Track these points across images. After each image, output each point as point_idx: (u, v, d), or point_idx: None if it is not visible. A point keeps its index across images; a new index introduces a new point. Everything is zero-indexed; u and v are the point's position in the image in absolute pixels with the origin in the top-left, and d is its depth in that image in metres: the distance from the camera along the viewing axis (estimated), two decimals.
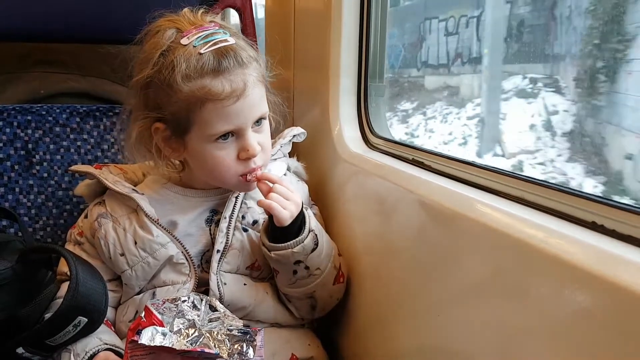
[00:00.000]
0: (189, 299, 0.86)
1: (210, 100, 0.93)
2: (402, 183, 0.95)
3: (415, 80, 4.85)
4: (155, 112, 0.98)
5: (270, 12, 1.56)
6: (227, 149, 0.98)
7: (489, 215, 0.73)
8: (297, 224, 1.00)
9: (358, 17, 1.19)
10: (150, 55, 0.96)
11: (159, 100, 0.97)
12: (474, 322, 0.73)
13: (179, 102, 0.95)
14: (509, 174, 0.79)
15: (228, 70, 0.94)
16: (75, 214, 1.31)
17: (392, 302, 0.97)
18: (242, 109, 0.95)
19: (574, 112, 2.87)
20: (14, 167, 1.31)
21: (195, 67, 0.93)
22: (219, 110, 0.94)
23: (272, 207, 0.97)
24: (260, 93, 0.99)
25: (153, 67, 0.95)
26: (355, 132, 1.20)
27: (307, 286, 1.03)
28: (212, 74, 0.93)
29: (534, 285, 0.63)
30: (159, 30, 0.97)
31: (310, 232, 1.01)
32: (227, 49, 0.94)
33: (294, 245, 0.99)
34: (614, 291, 0.52)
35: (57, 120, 1.35)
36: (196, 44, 0.94)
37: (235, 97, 0.94)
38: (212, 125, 0.95)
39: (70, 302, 0.91)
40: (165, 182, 1.08)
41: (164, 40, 0.96)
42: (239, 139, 0.98)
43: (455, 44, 4.32)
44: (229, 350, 0.81)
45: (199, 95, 0.93)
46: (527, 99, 3.37)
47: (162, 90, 0.95)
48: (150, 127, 0.99)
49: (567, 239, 0.61)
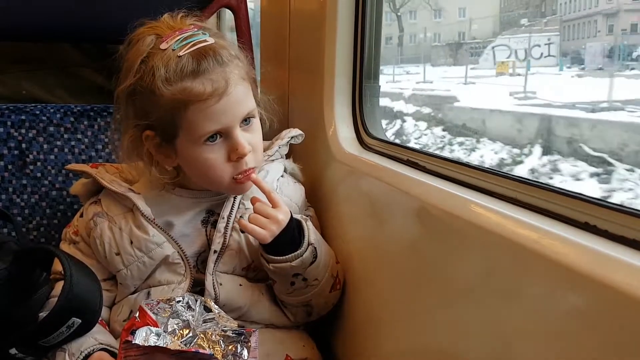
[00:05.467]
0: (183, 299, 0.86)
1: (192, 102, 0.93)
2: (396, 184, 0.95)
3: None
4: (143, 120, 0.98)
5: (265, 13, 1.56)
6: (217, 151, 0.97)
7: (482, 215, 0.73)
8: (290, 235, 1.00)
9: (353, 18, 1.19)
10: (132, 64, 0.96)
11: (144, 108, 0.97)
12: (467, 323, 0.74)
13: (163, 107, 0.94)
14: (503, 174, 0.79)
15: (208, 70, 0.93)
16: (69, 214, 1.31)
17: (386, 303, 0.97)
18: (226, 108, 0.95)
19: None
20: (7, 167, 1.30)
21: (175, 70, 0.93)
22: (203, 111, 0.94)
23: (248, 229, 0.98)
24: (244, 90, 0.98)
25: (135, 75, 0.96)
26: (350, 132, 1.20)
27: (304, 295, 1.04)
28: (191, 75, 0.93)
29: (527, 285, 0.63)
30: (139, 39, 0.98)
31: (310, 246, 1.01)
32: (206, 50, 0.94)
33: (292, 259, 0.99)
34: (607, 291, 0.53)
35: (51, 119, 1.34)
36: (175, 47, 0.94)
37: (217, 96, 0.94)
38: (198, 127, 0.95)
39: (63, 303, 0.91)
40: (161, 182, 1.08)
41: (143, 47, 0.96)
42: (227, 139, 0.97)
43: None
44: (223, 351, 0.81)
45: (181, 98, 0.93)
46: None
47: (146, 97, 0.95)
48: (140, 135, 0.99)
49: (560, 239, 0.61)
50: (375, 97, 1.22)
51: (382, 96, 1.26)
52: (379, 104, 1.23)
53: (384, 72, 3.05)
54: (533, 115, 4.20)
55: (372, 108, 1.21)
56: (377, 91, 1.23)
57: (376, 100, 1.23)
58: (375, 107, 1.22)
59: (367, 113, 1.20)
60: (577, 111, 3.99)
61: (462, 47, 11.49)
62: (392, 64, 11.90)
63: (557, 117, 4.05)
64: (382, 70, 1.28)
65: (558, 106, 4.25)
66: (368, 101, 1.21)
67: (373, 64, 1.22)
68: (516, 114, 4.40)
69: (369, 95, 1.21)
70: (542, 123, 4.11)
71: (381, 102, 1.23)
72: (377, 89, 1.23)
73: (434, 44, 12.01)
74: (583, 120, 3.86)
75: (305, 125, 1.20)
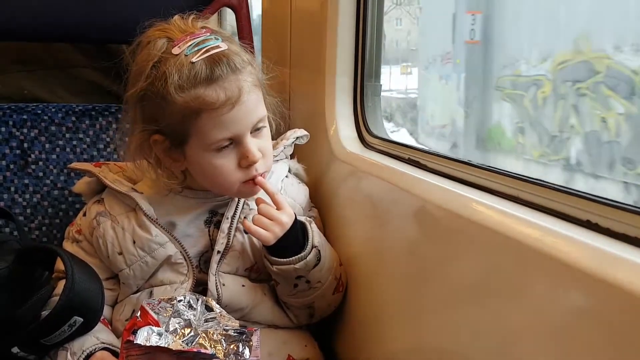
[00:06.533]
0: (184, 298, 0.86)
1: (205, 110, 0.92)
2: (398, 182, 0.95)
3: None
4: (153, 125, 0.97)
5: (266, 12, 1.56)
6: (227, 157, 0.97)
7: (484, 214, 0.73)
8: (293, 237, 0.99)
9: (354, 17, 1.19)
10: (143, 68, 0.95)
11: (154, 113, 0.96)
12: (469, 321, 0.73)
13: (175, 113, 0.93)
14: (504, 173, 0.79)
15: (221, 77, 0.92)
16: (70, 214, 1.31)
17: (389, 303, 0.96)
18: (238, 116, 0.94)
19: None
20: (9, 166, 1.31)
21: (188, 77, 0.91)
22: (215, 120, 0.93)
23: (252, 230, 0.98)
24: (256, 98, 0.97)
25: (146, 80, 0.94)
26: (352, 131, 1.20)
27: (307, 297, 1.04)
28: (205, 82, 0.92)
29: (529, 284, 0.63)
30: (150, 41, 0.96)
31: (314, 249, 1.01)
32: (219, 56, 0.93)
33: (296, 262, 0.99)
34: (609, 289, 0.53)
35: (52, 119, 1.34)
36: (187, 52, 0.92)
37: (230, 105, 0.93)
38: (209, 135, 0.94)
39: (65, 302, 0.91)
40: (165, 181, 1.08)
41: (155, 51, 0.94)
42: (238, 146, 0.96)
43: None
44: (225, 351, 0.81)
45: (193, 106, 0.92)
46: None
47: (156, 103, 0.94)
48: (148, 139, 0.98)
49: (562, 237, 0.61)
50: (377, 96, 1.22)
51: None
52: (380, 102, 1.23)
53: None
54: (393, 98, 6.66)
55: (374, 107, 1.21)
56: (378, 90, 1.23)
57: (377, 99, 1.23)
58: (377, 106, 1.22)
59: (369, 112, 1.20)
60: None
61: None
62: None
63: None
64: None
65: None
66: (369, 100, 1.21)
67: (374, 63, 1.22)
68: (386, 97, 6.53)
69: (370, 94, 1.21)
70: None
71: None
72: (378, 88, 1.23)
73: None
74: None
75: (307, 124, 1.20)
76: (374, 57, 1.22)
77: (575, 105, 3.80)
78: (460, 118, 5.38)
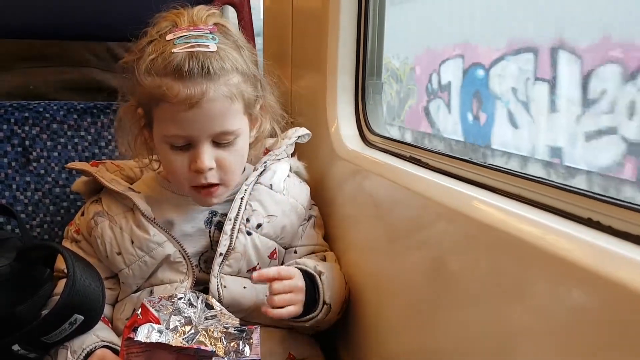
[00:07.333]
0: (185, 296, 0.86)
1: (164, 101, 0.93)
2: (399, 181, 0.94)
3: None
4: (133, 97, 1.00)
5: (268, 11, 1.56)
6: (181, 156, 0.96)
7: (486, 212, 0.73)
8: (308, 293, 1.00)
9: (356, 15, 1.18)
10: (140, 43, 0.97)
11: (130, 87, 0.99)
12: (471, 320, 0.73)
13: (142, 94, 0.96)
14: (506, 171, 0.78)
15: (189, 76, 0.91)
16: (72, 211, 1.31)
17: (390, 302, 0.96)
18: (196, 119, 0.92)
19: None
20: (10, 164, 1.31)
21: (161, 64, 0.92)
22: (173, 114, 0.93)
23: (284, 314, 0.97)
24: (223, 108, 0.94)
25: (136, 54, 0.97)
26: (353, 129, 1.20)
27: (315, 327, 1.05)
28: (172, 75, 0.92)
29: (530, 282, 0.63)
30: (158, 22, 0.98)
31: (325, 306, 1.01)
32: (198, 55, 0.92)
33: (308, 320, 1.00)
34: (610, 287, 0.52)
35: (54, 117, 1.34)
36: (177, 42, 0.93)
37: (187, 105, 0.91)
38: (165, 127, 0.95)
39: (66, 299, 0.91)
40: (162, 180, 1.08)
41: (154, 30, 0.97)
42: (193, 149, 0.96)
43: None
44: (225, 348, 0.81)
45: (155, 93, 0.93)
46: None
47: (132, 78, 0.97)
48: (135, 111, 1.01)
49: (564, 235, 0.61)
50: (378, 94, 1.22)
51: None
52: (381, 101, 1.23)
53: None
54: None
55: (375, 105, 1.21)
56: (379, 88, 1.23)
57: (379, 97, 1.22)
58: (378, 104, 1.22)
59: (370, 110, 1.20)
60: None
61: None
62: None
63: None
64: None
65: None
66: (371, 98, 1.21)
67: (376, 61, 1.22)
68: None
69: (372, 93, 1.21)
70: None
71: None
72: (379, 86, 1.23)
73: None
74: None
75: (308, 123, 1.20)
76: (375, 55, 1.21)
77: None
78: None
